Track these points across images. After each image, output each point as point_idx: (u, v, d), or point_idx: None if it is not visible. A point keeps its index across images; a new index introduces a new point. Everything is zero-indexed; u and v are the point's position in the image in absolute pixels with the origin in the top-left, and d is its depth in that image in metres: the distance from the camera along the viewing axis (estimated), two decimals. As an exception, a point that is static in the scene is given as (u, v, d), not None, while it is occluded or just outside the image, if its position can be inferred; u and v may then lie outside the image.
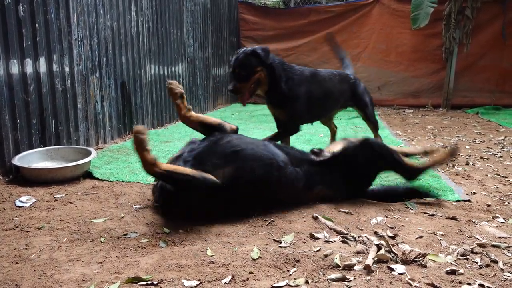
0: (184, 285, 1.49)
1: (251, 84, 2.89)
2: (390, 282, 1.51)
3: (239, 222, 2.06)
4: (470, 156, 3.69)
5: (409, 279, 1.52)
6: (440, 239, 1.90)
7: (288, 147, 2.40)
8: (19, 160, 2.87)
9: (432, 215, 2.21)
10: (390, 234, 1.94)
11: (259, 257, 1.71)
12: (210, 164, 2.04)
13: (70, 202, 2.43)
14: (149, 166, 1.88)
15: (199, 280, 1.52)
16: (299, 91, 3.01)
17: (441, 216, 2.20)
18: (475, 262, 1.68)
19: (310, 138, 4.39)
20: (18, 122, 2.96)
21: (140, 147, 1.85)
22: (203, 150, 2.16)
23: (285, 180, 2.19)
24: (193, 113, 2.37)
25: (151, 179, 2.89)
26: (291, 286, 1.49)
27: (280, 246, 1.81)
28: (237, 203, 2.11)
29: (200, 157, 2.10)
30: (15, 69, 2.92)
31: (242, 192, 2.08)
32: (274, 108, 3.09)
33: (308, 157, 2.37)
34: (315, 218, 2.12)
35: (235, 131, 2.41)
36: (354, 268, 1.61)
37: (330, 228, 2.01)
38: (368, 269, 1.58)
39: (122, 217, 2.20)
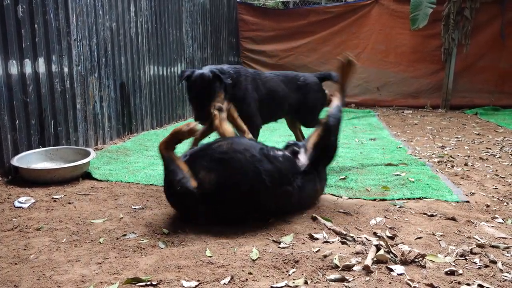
0: (183, 286, 1.49)
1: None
2: (389, 283, 1.51)
3: (238, 223, 2.06)
4: (469, 156, 3.70)
5: (408, 279, 1.52)
6: (439, 240, 1.90)
7: (278, 158, 2.14)
8: (18, 160, 2.87)
9: (431, 215, 2.22)
10: (389, 235, 1.94)
11: (258, 257, 1.71)
12: (199, 164, 2.04)
13: (69, 203, 2.43)
14: (165, 147, 2.07)
15: (198, 280, 1.52)
16: (247, 92, 2.94)
17: (440, 217, 2.20)
18: (474, 262, 1.68)
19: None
20: (17, 122, 2.96)
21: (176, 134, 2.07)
22: (198, 149, 2.19)
23: (276, 197, 2.07)
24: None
25: (150, 180, 2.89)
26: (290, 286, 1.49)
27: (279, 247, 1.81)
28: (229, 210, 2.05)
29: (195, 154, 2.14)
30: (14, 69, 2.92)
31: (230, 201, 2.01)
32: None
33: (297, 168, 2.22)
34: (314, 219, 2.12)
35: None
36: (353, 268, 1.61)
37: (329, 229, 2.01)
38: (367, 270, 1.58)
39: (121, 218, 2.20)
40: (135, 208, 2.34)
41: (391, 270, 1.59)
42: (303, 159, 2.29)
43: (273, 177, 2.01)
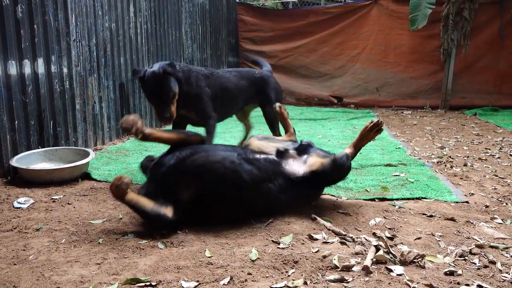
0: (182, 287, 1.49)
1: (175, 103, 2.81)
2: (389, 283, 1.51)
3: (238, 223, 2.06)
4: (468, 157, 3.70)
5: (408, 280, 1.52)
6: (439, 240, 1.90)
7: (259, 160, 2.16)
8: (17, 161, 2.86)
9: (431, 216, 2.22)
10: (389, 235, 1.94)
11: (258, 258, 1.71)
12: (175, 185, 2.02)
13: (68, 203, 2.43)
14: (119, 194, 1.93)
15: (197, 281, 1.52)
16: (200, 88, 2.99)
17: (440, 217, 2.20)
18: (473, 263, 1.68)
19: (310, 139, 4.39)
20: (16, 123, 2.96)
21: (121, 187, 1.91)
22: (169, 169, 2.08)
23: (262, 196, 2.11)
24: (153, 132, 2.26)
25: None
26: (290, 287, 1.49)
27: (278, 247, 1.81)
28: (218, 216, 2.09)
29: (166, 178, 2.06)
30: (13, 70, 2.92)
31: (215, 210, 2.07)
32: (181, 110, 2.97)
33: (281, 170, 2.19)
34: (314, 219, 2.13)
35: (202, 141, 2.31)
36: (353, 269, 1.61)
37: (329, 229, 2.01)
38: (366, 270, 1.59)
39: (121, 218, 2.20)
40: (134, 209, 2.34)
41: (391, 270, 1.60)
42: (300, 168, 2.24)
43: (253, 175, 2.06)
